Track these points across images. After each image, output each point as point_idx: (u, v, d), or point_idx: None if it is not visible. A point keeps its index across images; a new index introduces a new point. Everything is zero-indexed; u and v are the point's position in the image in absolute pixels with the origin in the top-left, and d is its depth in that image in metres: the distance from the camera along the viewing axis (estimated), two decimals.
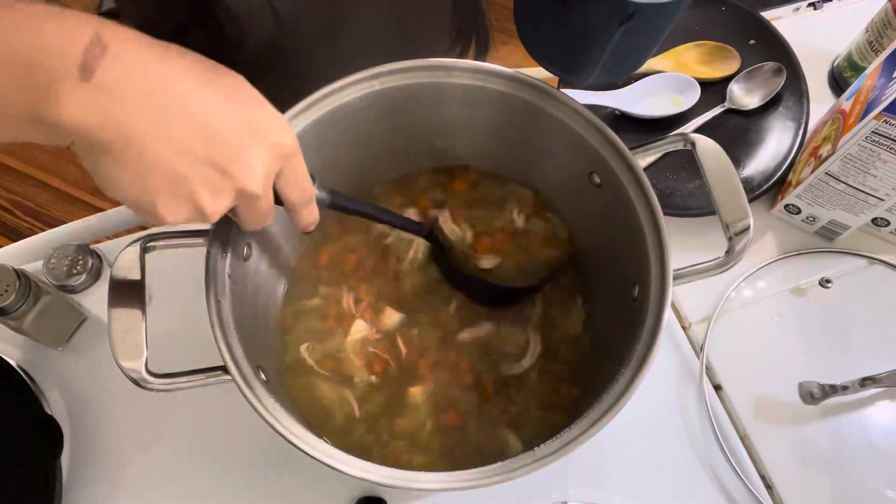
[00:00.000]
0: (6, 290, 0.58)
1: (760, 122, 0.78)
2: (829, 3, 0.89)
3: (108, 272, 0.60)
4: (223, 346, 0.46)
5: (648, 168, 0.75)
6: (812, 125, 0.77)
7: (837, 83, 0.82)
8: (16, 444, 0.61)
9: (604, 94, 0.78)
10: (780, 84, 0.78)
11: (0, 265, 0.59)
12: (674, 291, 0.49)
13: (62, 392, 0.65)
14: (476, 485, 0.43)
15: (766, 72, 0.79)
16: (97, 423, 0.64)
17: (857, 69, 0.79)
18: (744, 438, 0.65)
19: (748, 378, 0.67)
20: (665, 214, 0.50)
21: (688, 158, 0.67)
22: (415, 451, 0.57)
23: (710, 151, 0.52)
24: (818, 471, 0.63)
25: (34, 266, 0.67)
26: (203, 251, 0.49)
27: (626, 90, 0.79)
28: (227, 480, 0.62)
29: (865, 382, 0.64)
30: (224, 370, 0.46)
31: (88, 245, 0.69)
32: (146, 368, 0.45)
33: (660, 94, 0.79)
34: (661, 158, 0.75)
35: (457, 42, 0.80)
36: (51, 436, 0.59)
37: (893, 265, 0.72)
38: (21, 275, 0.59)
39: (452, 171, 0.67)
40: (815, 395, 0.64)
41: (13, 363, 0.63)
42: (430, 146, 0.62)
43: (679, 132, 0.76)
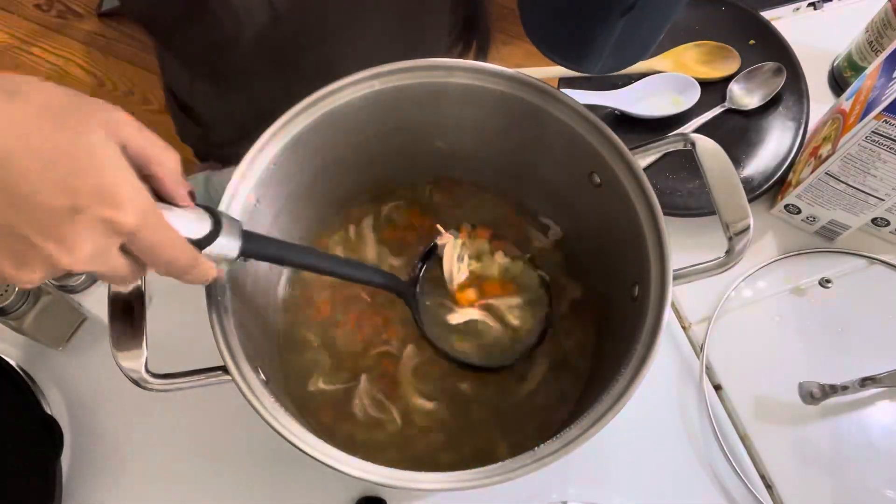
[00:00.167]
0: (6, 290, 0.58)
1: (760, 122, 0.78)
2: (829, 3, 0.89)
3: None
4: (223, 346, 0.46)
5: (648, 168, 0.75)
6: (812, 125, 0.77)
7: (837, 83, 0.82)
8: (16, 444, 0.61)
9: (604, 94, 0.78)
10: (780, 84, 0.78)
11: None
12: (674, 291, 0.49)
13: (62, 392, 0.65)
14: (476, 485, 0.43)
15: (766, 72, 0.79)
16: (97, 423, 0.64)
17: (857, 69, 0.79)
18: (744, 438, 0.65)
19: (748, 378, 0.67)
20: (665, 214, 0.50)
21: (688, 158, 0.67)
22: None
23: (710, 151, 0.52)
24: (818, 471, 0.63)
25: None
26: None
27: (626, 90, 0.79)
28: (227, 480, 0.62)
29: (865, 382, 0.64)
30: (224, 370, 0.46)
31: None
32: (146, 368, 0.45)
33: (660, 94, 0.79)
34: (661, 158, 0.75)
35: (457, 41, 0.80)
36: (51, 436, 0.59)
37: (893, 265, 0.72)
38: None
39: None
40: (815, 395, 0.64)
41: (13, 363, 0.63)
42: (430, 147, 0.62)
43: (679, 132, 0.76)
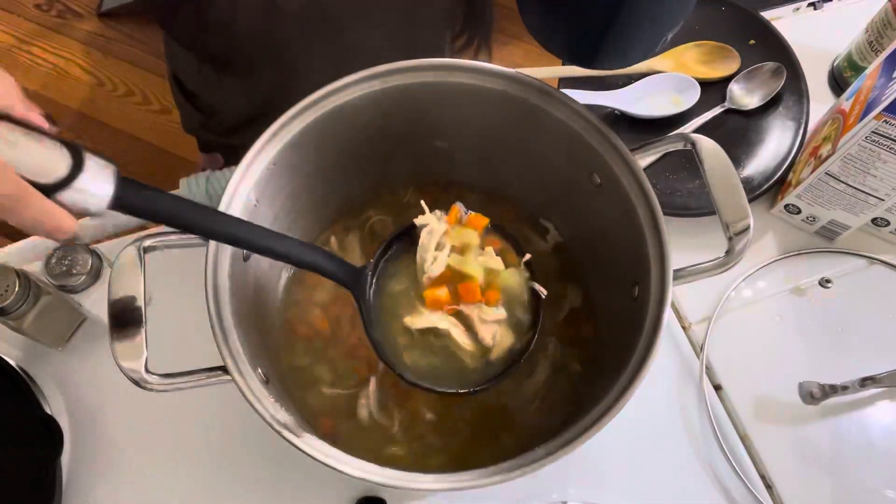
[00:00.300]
0: (6, 290, 0.58)
1: (760, 122, 0.78)
2: (829, 3, 0.89)
3: (108, 272, 0.60)
4: (223, 346, 0.46)
5: (648, 168, 0.75)
6: (812, 125, 0.77)
7: (837, 83, 0.82)
8: (16, 444, 0.61)
9: (604, 94, 0.78)
10: (780, 84, 0.78)
11: (0, 265, 0.60)
12: (674, 291, 0.49)
13: (62, 392, 0.65)
14: (476, 485, 0.43)
15: (766, 72, 0.79)
16: (97, 423, 0.64)
17: (857, 69, 0.79)
18: (744, 438, 0.65)
19: (748, 378, 0.67)
20: (665, 214, 0.50)
21: (688, 158, 0.67)
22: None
23: (710, 151, 0.52)
24: (818, 471, 0.63)
25: (34, 266, 0.67)
26: (203, 251, 0.49)
27: (626, 90, 0.79)
28: (227, 480, 0.62)
29: (865, 382, 0.64)
30: (224, 370, 0.46)
31: (88, 245, 0.69)
32: (146, 368, 0.45)
33: (660, 94, 0.79)
34: (661, 158, 0.75)
35: (460, 34, 0.80)
36: (51, 436, 0.59)
37: (893, 265, 0.72)
38: (21, 275, 0.59)
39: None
40: (815, 395, 0.64)
41: (13, 363, 0.63)
42: (430, 147, 0.62)
43: (679, 132, 0.76)
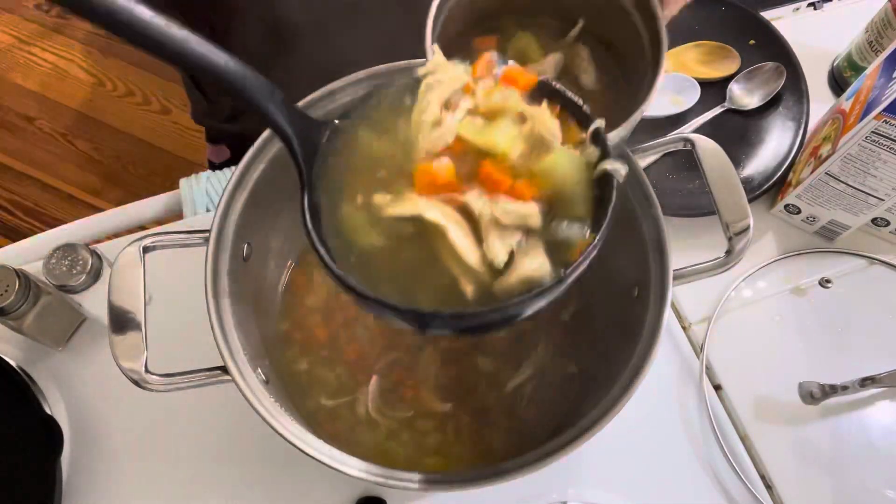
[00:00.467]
0: (6, 290, 0.58)
1: (760, 122, 0.78)
2: (829, 3, 0.89)
3: (108, 272, 0.60)
4: (223, 346, 0.46)
5: (648, 168, 0.75)
6: (812, 125, 0.77)
7: (837, 83, 0.82)
8: (16, 444, 0.61)
9: None
10: (780, 84, 0.78)
11: (0, 265, 0.60)
12: (674, 291, 0.49)
13: (62, 392, 0.64)
14: (476, 485, 0.43)
15: (766, 72, 0.79)
16: (97, 423, 0.64)
17: (857, 69, 0.79)
18: (744, 438, 0.65)
19: (748, 378, 0.67)
20: (665, 214, 0.50)
21: (688, 158, 0.66)
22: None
23: (710, 151, 0.52)
24: (818, 471, 0.63)
25: (34, 266, 0.67)
26: (203, 251, 0.49)
27: None
28: (227, 480, 0.62)
29: (865, 382, 0.64)
30: (224, 370, 0.46)
31: (88, 245, 0.69)
32: (146, 368, 0.45)
33: (660, 94, 0.78)
34: (661, 158, 0.75)
35: None
36: (51, 436, 0.59)
37: (893, 265, 0.72)
38: (21, 275, 0.59)
39: None
40: (815, 395, 0.64)
41: (13, 363, 0.63)
42: None
43: (679, 132, 0.76)
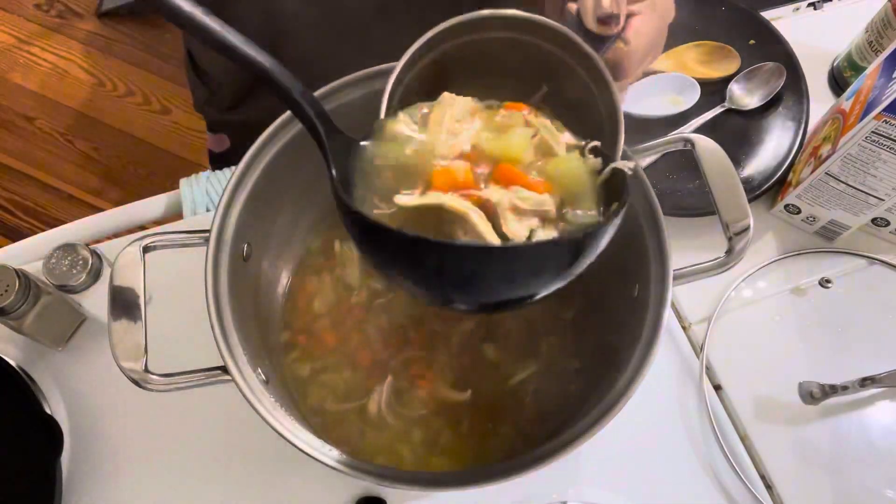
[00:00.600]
0: (6, 290, 0.58)
1: (760, 122, 0.78)
2: (829, 3, 0.89)
3: (108, 272, 0.60)
4: (223, 346, 0.46)
5: (648, 168, 0.75)
6: (812, 125, 0.77)
7: (837, 83, 0.82)
8: (16, 444, 0.61)
9: None
10: (780, 84, 0.78)
11: (0, 265, 0.59)
12: (674, 291, 0.49)
13: (62, 392, 0.64)
14: (476, 484, 0.43)
15: (766, 72, 0.79)
16: (97, 423, 0.64)
17: (857, 69, 0.79)
18: (744, 438, 0.65)
19: (748, 378, 0.67)
20: (665, 214, 0.50)
21: (688, 158, 0.66)
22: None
23: (710, 151, 0.52)
24: (818, 471, 0.63)
25: (34, 266, 0.67)
26: (203, 251, 0.49)
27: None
28: (227, 480, 0.62)
29: (865, 382, 0.64)
30: (224, 370, 0.46)
31: (88, 245, 0.69)
32: (146, 368, 0.45)
33: (660, 94, 0.79)
34: (661, 158, 0.75)
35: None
36: (51, 436, 0.59)
37: (893, 265, 0.72)
38: (21, 275, 0.59)
39: None
40: (815, 395, 0.64)
41: (13, 363, 0.63)
42: None
43: (679, 132, 0.76)
